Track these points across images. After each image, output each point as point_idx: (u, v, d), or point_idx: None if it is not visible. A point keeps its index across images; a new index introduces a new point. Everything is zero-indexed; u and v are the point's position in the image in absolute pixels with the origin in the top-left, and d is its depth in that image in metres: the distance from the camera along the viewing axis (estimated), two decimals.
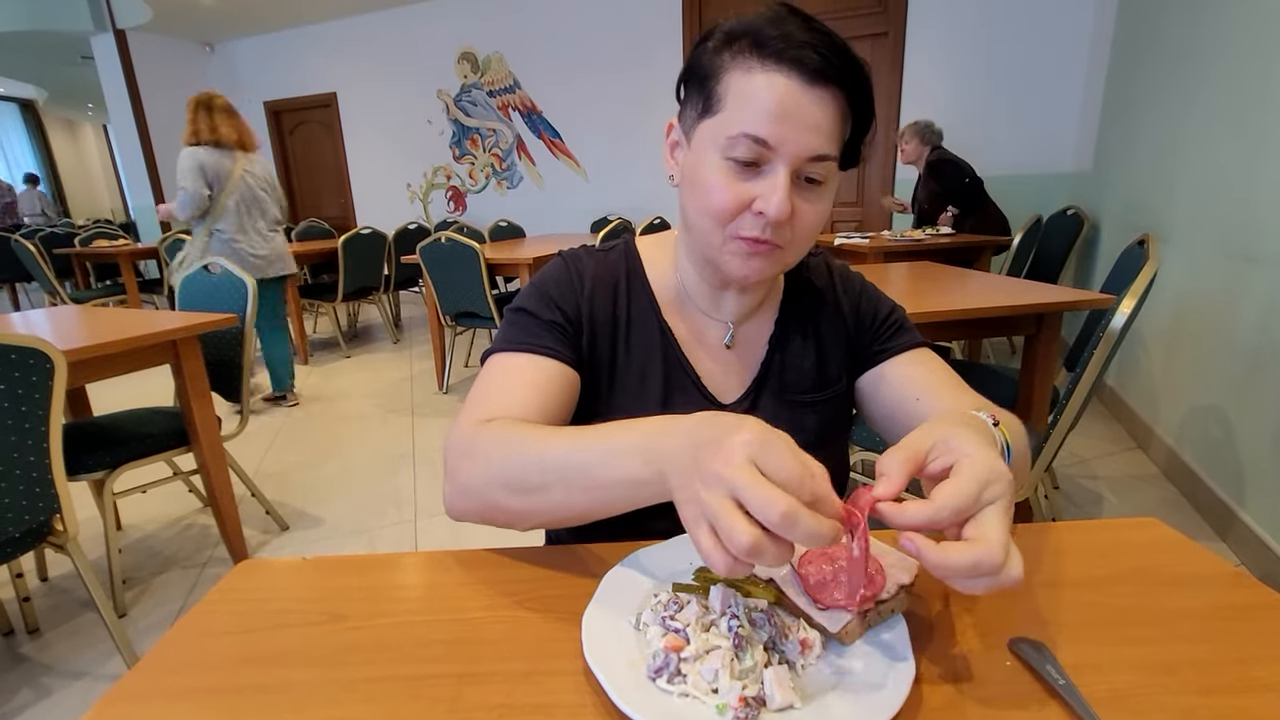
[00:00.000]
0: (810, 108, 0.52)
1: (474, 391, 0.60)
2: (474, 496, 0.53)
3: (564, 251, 0.70)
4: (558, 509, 0.49)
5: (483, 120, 5.73)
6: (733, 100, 0.54)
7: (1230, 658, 0.41)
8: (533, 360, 0.61)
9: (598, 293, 0.66)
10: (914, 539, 0.37)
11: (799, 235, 0.57)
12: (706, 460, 0.37)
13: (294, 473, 2.42)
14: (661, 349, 0.67)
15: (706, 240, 0.59)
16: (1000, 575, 0.36)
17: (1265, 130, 1.72)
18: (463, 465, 0.53)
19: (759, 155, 0.53)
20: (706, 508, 0.36)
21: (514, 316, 0.65)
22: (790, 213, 0.54)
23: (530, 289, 0.67)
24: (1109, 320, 1.20)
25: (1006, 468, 0.40)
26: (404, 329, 4.94)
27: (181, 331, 1.61)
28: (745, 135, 0.53)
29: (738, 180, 0.55)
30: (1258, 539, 1.59)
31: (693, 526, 0.37)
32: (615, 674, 0.38)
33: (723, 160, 0.55)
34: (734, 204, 0.55)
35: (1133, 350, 2.48)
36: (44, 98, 9.48)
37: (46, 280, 4.57)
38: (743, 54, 0.53)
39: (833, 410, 0.70)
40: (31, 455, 1.18)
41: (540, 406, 0.59)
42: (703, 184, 0.56)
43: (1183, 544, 0.54)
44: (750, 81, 0.53)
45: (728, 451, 0.37)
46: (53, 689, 1.36)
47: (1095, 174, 3.37)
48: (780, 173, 0.53)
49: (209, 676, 0.42)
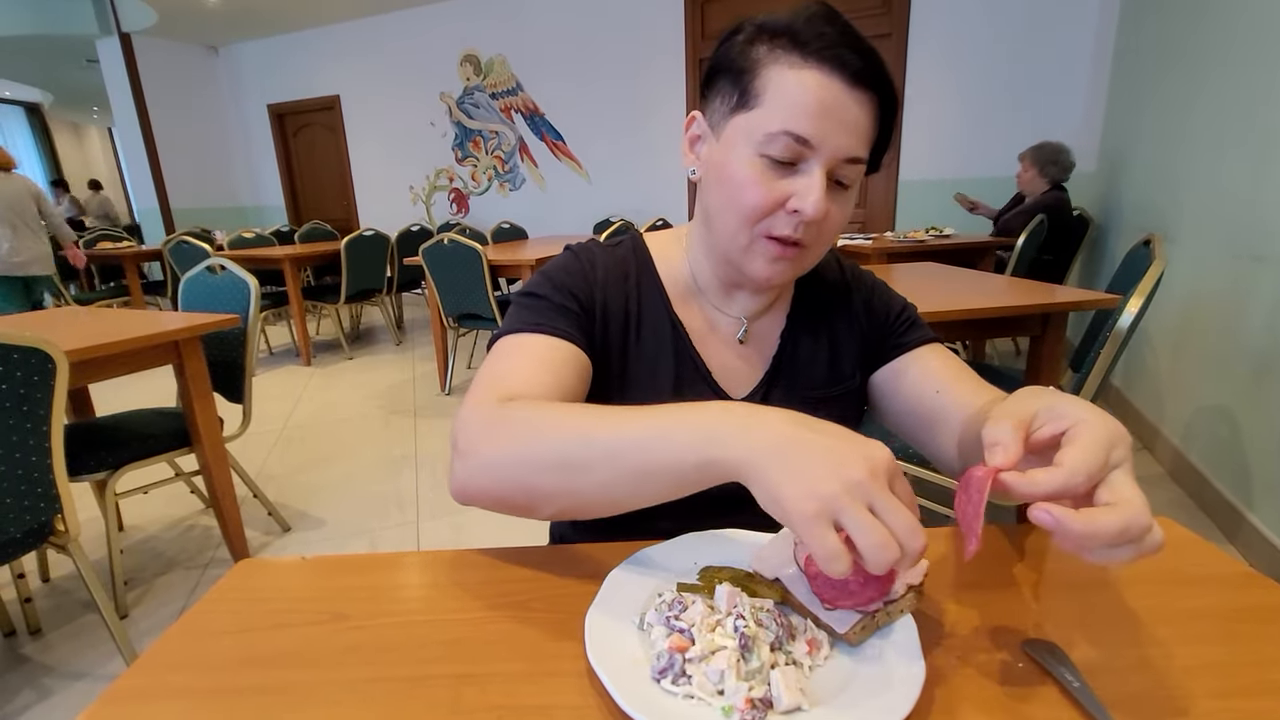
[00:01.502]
0: (852, 108, 0.52)
1: (486, 370, 0.56)
2: (497, 474, 0.48)
3: (571, 245, 0.69)
4: (596, 492, 0.46)
5: (485, 122, 5.74)
6: (772, 95, 0.52)
7: (1247, 660, 0.40)
8: (548, 341, 0.58)
9: (610, 282, 0.65)
10: (1051, 510, 0.35)
11: (824, 236, 0.57)
12: (846, 466, 0.36)
13: (296, 474, 2.42)
14: (672, 342, 0.66)
15: (731, 238, 0.58)
16: (1146, 539, 0.34)
17: (1271, 129, 1.71)
18: (485, 441, 0.49)
19: (797, 154, 0.53)
20: (843, 509, 0.35)
21: (524, 300, 0.62)
22: (825, 212, 0.53)
23: (539, 276, 0.65)
24: (1116, 320, 1.19)
25: (1124, 429, 0.39)
26: (406, 331, 4.95)
27: (184, 332, 1.60)
28: (787, 132, 0.52)
29: (772, 178, 0.54)
30: (1266, 541, 1.58)
31: (810, 523, 0.35)
32: (619, 675, 0.37)
33: (757, 157, 0.54)
34: (767, 202, 0.54)
35: (1138, 351, 2.47)
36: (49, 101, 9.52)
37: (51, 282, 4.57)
38: (782, 50, 0.52)
39: (844, 406, 0.70)
40: (33, 455, 1.18)
41: (558, 387, 0.55)
42: (734, 179, 0.55)
43: (1196, 544, 0.53)
44: (794, 77, 0.52)
45: (875, 463, 0.36)
46: (54, 690, 1.36)
47: (1100, 174, 3.36)
48: (817, 172, 0.53)
49: (207, 676, 0.41)
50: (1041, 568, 0.50)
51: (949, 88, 3.98)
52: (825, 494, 0.35)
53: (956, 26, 3.89)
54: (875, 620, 0.41)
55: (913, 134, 4.14)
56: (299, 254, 3.99)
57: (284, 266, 3.86)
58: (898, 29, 4.02)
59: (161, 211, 6.28)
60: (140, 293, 4.69)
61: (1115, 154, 3.15)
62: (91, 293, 4.98)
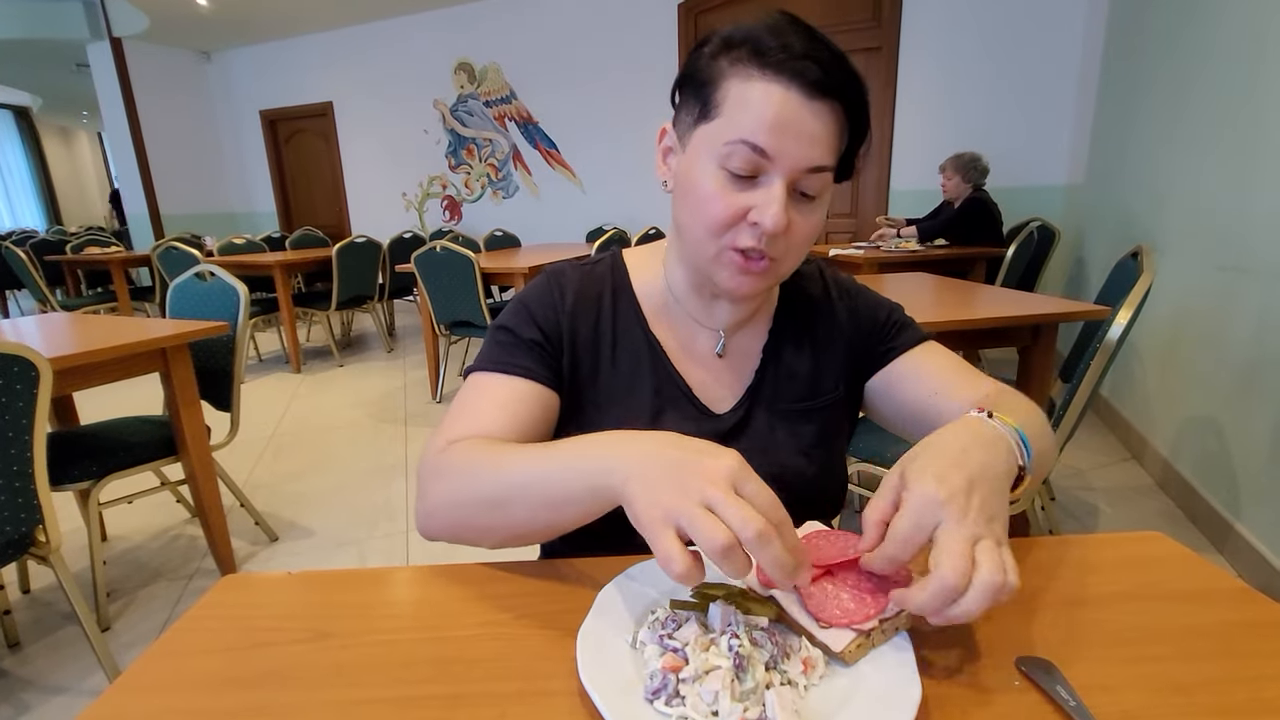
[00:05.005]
0: (809, 120, 0.52)
1: (449, 412, 0.61)
2: (442, 516, 0.54)
3: (549, 267, 0.70)
4: (521, 525, 0.50)
5: (479, 130, 5.74)
6: (731, 106, 0.53)
7: (1242, 677, 0.40)
8: (507, 381, 0.62)
9: (579, 308, 0.66)
10: (895, 595, 0.40)
11: (793, 248, 0.57)
12: (686, 475, 0.40)
13: (284, 483, 2.39)
14: (650, 362, 0.66)
15: (699, 249, 0.58)
16: (979, 590, 0.37)
17: (1256, 142, 1.74)
18: (430, 485, 0.54)
19: (756, 165, 0.53)
20: (681, 513, 0.38)
21: (496, 335, 0.66)
22: (786, 225, 0.53)
23: (514, 305, 0.67)
24: (1105, 331, 1.20)
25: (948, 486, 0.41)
26: (398, 338, 4.92)
27: (172, 340, 1.58)
28: (743, 142, 0.52)
29: (733, 190, 0.54)
30: (1254, 551, 1.59)
31: (656, 528, 0.39)
32: (611, 696, 0.37)
33: (719, 169, 0.54)
34: (729, 214, 0.54)
35: (1127, 362, 2.49)
36: (38, 105, 9.45)
37: (36, 287, 4.52)
38: (742, 61, 0.53)
39: (828, 418, 0.69)
40: (15, 465, 1.16)
41: (512, 426, 0.59)
42: (697, 191, 0.55)
43: (1188, 559, 0.53)
44: (750, 90, 0.52)
45: (712, 470, 0.40)
46: (32, 705, 1.33)
47: (1087, 186, 3.40)
48: (776, 184, 0.53)
49: (188, 697, 0.40)
50: (1035, 585, 0.50)
51: (940, 99, 4.02)
52: (666, 502, 0.39)
53: (947, 40, 3.94)
54: (871, 639, 0.41)
55: (904, 144, 4.18)
56: (290, 260, 3.96)
57: (275, 273, 3.83)
58: (888, 42, 4.07)
59: (151, 217, 6.22)
60: (128, 299, 4.64)
61: (1102, 166, 3.19)
62: (78, 298, 4.92)
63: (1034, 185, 3.84)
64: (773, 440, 0.66)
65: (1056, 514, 1.95)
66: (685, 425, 0.65)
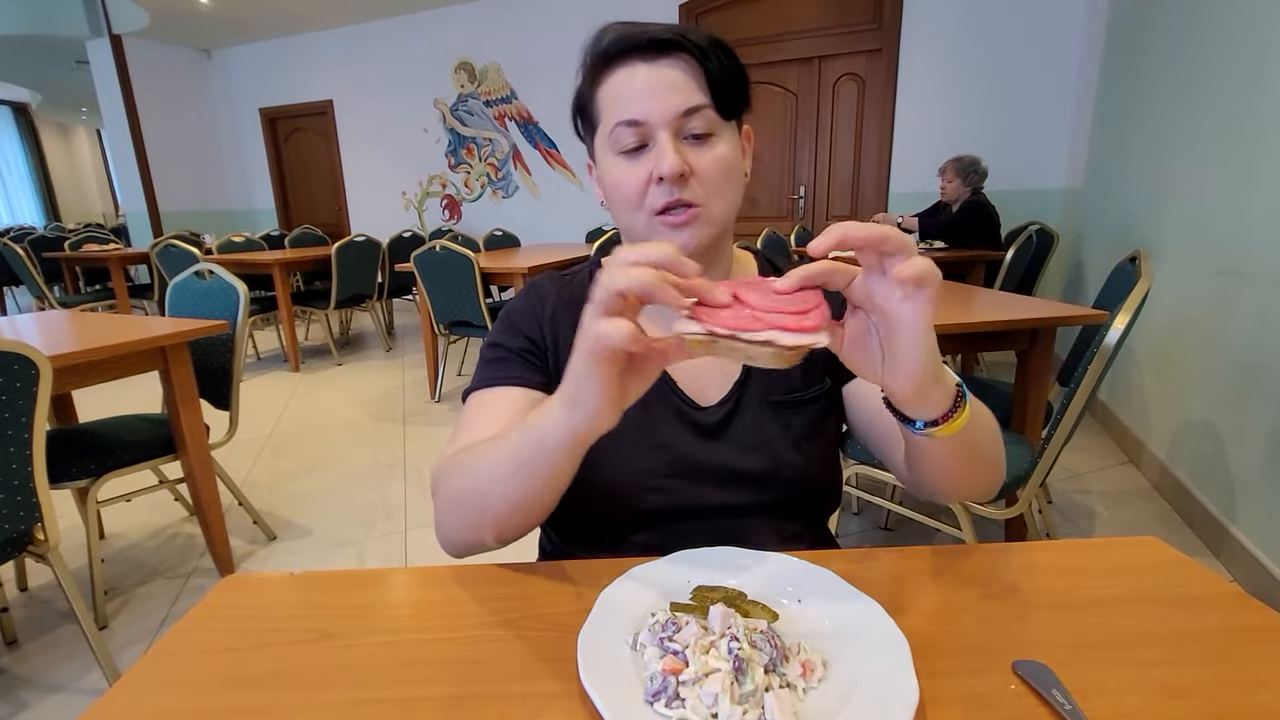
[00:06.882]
0: (659, 77, 0.58)
1: (456, 428, 0.64)
2: (447, 521, 0.56)
3: (530, 280, 0.75)
4: (502, 497, 0.51)
5: (479, 130, 5.74)
6: (604, 106, 0.61)
7: (1236, 681, 0.40)
8: (503, 392, 0.64)
9: (560, 314, 0.69)
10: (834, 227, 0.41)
11: (710, 185, 0.60)
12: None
13: (283, 482, 2.39)
14: None
15: (632, 230, 0.63)
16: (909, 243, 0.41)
17: (1253, 147, 1.74)
18: (436, 500, 0.57)
19: (640, 135, 0.59)
20: (584, 334, 0.41)
21: (487, 353, 0.69)
22: (683, 165, 0.57)
23: (500, 320, 0.71)
24: (1103, 336, 1.20)
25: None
26: (397, 337, 4.92)
27: (171, 338, 1.58)
28: (620, 124, 0.59)
29: (633, 164, 0.60)
30: (1250, 555, 1.59)
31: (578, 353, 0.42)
32: (612, 698, 0.37)
33: (617, 156, 0.61)
34: (638, 183, 0.59)
35: (1124, 365, 2.50)
36: (37, 101, 9.42)
37: (35, 284, 4.52)
38: (598, 70, 0.61)
39: (819, 409, 0.69)
40: (14, 463, 1.16)
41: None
42: (609, 182, 0.62)
43: (1184, 564, 0.53)
44: (609, 85, 0.60)
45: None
46: (29, 702, 1.33)
47: (1086, 190, 3.41)
48: (661, 136, 0.58)
49: (189, 698, 0.40)
50: (1032, 589, 0.50)
51: (939, 102, 4.03)
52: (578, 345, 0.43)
53: (947, 43, 3.95)
54: (718, 343, 0.40)
55: (903, 147, 4.18)
56: (289, 259, 3.96)
57: (274, 271, 3.83)
58: (889, 45, 4.08)
59: (150, 214, 6.21)
60: (126, 296, 4.63)
61: (1101, 171, 3.20)
62: (76, 295, 4.91)
63: (1033, 189, 3.85)
64: (764, 433, 0.66)
65: (1054, 517, 1.96)
66: (673, 418, 0.65)
